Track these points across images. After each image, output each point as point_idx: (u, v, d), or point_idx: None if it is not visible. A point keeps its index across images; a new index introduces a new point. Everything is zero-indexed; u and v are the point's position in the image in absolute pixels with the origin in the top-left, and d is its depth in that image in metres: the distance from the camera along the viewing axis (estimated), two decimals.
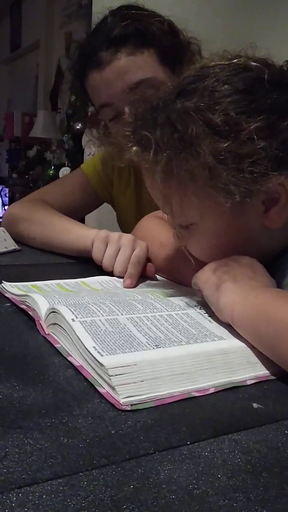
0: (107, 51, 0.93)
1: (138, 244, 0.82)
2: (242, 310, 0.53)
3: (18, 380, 0.43)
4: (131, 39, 0.92)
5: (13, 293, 0.65)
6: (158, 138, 0.58)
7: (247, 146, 0.55)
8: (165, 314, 0.56)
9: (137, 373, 0.43)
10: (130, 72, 0.93)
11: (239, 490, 0.31)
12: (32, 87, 5.17)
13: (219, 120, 0.55)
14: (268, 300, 0.52)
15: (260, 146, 0.54)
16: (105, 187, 1.22)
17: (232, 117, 0.55)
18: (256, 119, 0.55)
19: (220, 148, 0.54)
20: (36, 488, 0.30)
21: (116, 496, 0.30)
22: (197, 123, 0.55)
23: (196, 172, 0.56)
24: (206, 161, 0.55)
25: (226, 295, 0.55)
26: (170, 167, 0.58)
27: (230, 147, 0.54)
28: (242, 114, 0.55)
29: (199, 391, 0.44)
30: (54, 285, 0.71)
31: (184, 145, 0.56)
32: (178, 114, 0.58)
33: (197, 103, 0.57)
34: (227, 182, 0.55)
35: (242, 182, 0.55)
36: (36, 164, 4.66)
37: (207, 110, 0.56)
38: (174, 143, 0.57)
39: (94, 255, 0.84)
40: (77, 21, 4.11)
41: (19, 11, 5.58)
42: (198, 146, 0.55)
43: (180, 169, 0.57)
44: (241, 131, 0.55)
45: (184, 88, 0.60)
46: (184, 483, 0.31)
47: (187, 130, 0.56)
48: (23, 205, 1.16)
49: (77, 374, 0.46)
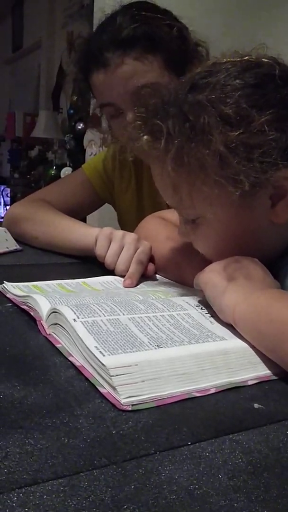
0: (114, 53, 0.92)
1: (142, 244, 0.82)
2: (243, 311, 0.53)
3: (19, 380, 0.43)
4: (139, 43, 0.92)
5: (14, 294, 0.65)
6: (169, 127, 0.59)
7: (258, 136, 0.55)
8: (167, 314, 0.56)
9: (138, 373, 0.43)
10: (135, 76, 0.93)
11: (240, 490, 0.31)
12: (34, 87, 5.17)
13: (230, 111, 0.56)
14: (270, 301, 0.52)
15: (270, 138, 0.55)
16: (106, 187, 1.22)
17: (243, 108, 0.56)
18: (266, 112, 0.56)
19: (231, 137, 0.55)
20: (36, 488, 0.30)
21: (117, 496, 0.30)
22: (209, 113, 0.56)
23: (207, 161, 0.57)
24: (217, 150, 0.55)
25: (228, 296, 0.56)
26: (181, 156, 0.58)
27: (241, 137, 0.55)
28: (253, 107, 0.56)
29: (200, 392, 0.44)
30: (55, 286, 0.71)
31: (196, 133, 0.57)
32: (190, 105, 0.58)
33: (209, 96, 0.58)
34: (237, 171, 0.56)
35: (251, 172, 0.56)
36: (37, 164, 4.66)
37: (218, 102, 0.57)
38: (186, 132, 0.57)
39: (97, 251, 0.84)
40: (78, 21, 4.11)
41: (21, 11, 5.59)
42: (209, 135, 0.56)
43: (190, 157, 0.57)
44: (252, 122, 0.56)
45: (196, 82, 0.61)
46: (185, 483, 0.31)
47: (199, 120, 0.56)
48: (25, 205, 1.16)
49: (78, 374, 0.46)
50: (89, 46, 0.98)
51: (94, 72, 0.96)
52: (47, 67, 4.80)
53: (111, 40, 0.93)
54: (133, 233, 0.87)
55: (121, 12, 0.96)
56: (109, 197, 1.24)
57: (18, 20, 5.67)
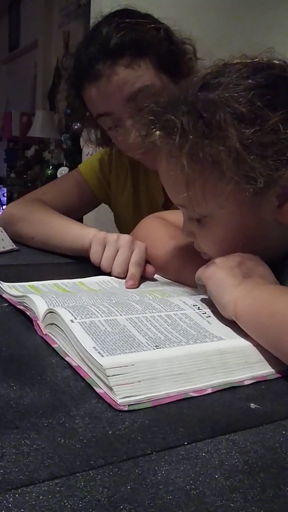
0: (104, 64, 0.92)
1: (137, 245, 0.82)
2: (245, 305, 0.53)
3: (15, 381, 0.43)
4: (127, 51, 0.92)
5: (10, 294, 0.64)
6: (184, 123, 0.59)
7: (272, 135, 0.56)
8: (164, 314, 0.56)
9: (134, 373, 0.43)
10: (128, 83, 0.92)
11: (236, 490, 0.31)
12: (31, 87, 5.17)
13: (244, 109, 0.56)
14: (272, 295, 0.52)
15: (284, 136, 0.56)
16: (102, 187, 1.22)
17: (257, 106, 0.57)
18: (279, 112, 0.57)
19: (246, 134, 0.56)
20: (33, 489, 0.30)
21: (113, 497, 0.30)
22: (224, 110, 0.57)
23: (222, 157, 0.57)
24: (232, 147, 0.56)
25: (230, 291, 0.56)
26: (196, 152, 0.58)
27: (256, 135, 0.56)
28: (266, 107, 0.57)
29: (196, 392, 0.44)
30: (51, 285, 0.71)
31: (211, 130, 0.57)
32: (203, 103, 0.59)
33: (221, 95, 0.58)
34: (251, 168, 0.56)
35: (266, 169, 0.56)
36: (34, 164, 4.66)
37: (232, 100, 0.57)
38: (201, 128, 0.57)
39: (92, 257, 0.84)
40: (75, 21, 4.11)
41: (18, 11, 5.58)
42: (226, 131, 0.56)
43: (205, 153, 0.58)
44: (266, 121, 0.56)
45: (207, 81, 0.61)
46: (181, 483, 0.31)
47: (214, 116, 0.57)
48: (21, 204, 1.16)
49: (75, 374, 0.46)
50: (78, 61, 0.97)
51: (86, 85, 0.96)
52: (43, 67, 4.79)
53: (99, 52, 0.93)
54: (130, 234, 0.87)
55: (105, 23, 0.95)
56: (105, 197, 1.24)
57: (15, 19, 5.66)
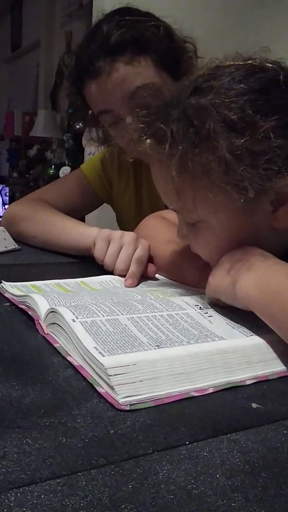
0: (105, 61, 0.93)
1: (141, 243, 0.82)
2: (256, 298, 0.53)
3: (17, 380, 0.43)
4: (128, 48, 0.92)
5: (12, 294, 0.65)
6: (174, 131, 0.58)
7: (263, 143, 0.55)
8: (166, 314, 0.56)
9: (136, 373, 0.43)
10: (128, 80, 0.93)
11: (238, 490, 0.31)
12: (33, 87, 5.17)
13: (235, 117, 0.55)
14: (280, 284, 0.52)
15: (275, 145, 0.55)
16: (104, 187, 1.22)
17: (248, 114, 0.55)
18: (271, 119, 0.56)
19: (236, 144, 0.55)
20: (34, 488, 0.30)
21: (115, 496, 0.30)
22: (214, 119, 0.56)
23: (211, 167, 0.56)
24: (222, 156, 0.55)
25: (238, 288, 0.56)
26: (185, 161, 0.57)
27: (246, 144, 0.55)
28: (258, 113, 0.56)
29: (198, 391, 0.44)
30: (53, 285, 0.71)
31: (200, 139, 0.56)
32: (194, 109, 0.58)
33: (212, 100, 0.57)
34: (241, 178, 0.55)
35: (256, 179, 0.55)
36: (36, 163, 4.66)
37: (223, 107, 0.56)
38: (190, 137, 0.57)
39: (96, 254, 0.84)
40: (77, 21, 4.11)
41: (20, 10, 5.58)
42: (214, 141, 0.55)
43: (195, 163, 0.57)
44: (257, 129, 0.55)
45: (199, 85, 0.60)
46: (182, 483, 0.31)
47: (204, 125, 0.56)
48: (23, 204, 1.16)
49: (76, 374, 0.46)
50: (79, 58, 0.98)
51: (87, 83, 0.97)
52: (45, 66, 4.79)
53: (100, 49, 0.93)
54: (133, 232, 0.87)
55: (106, 20, 0.96)
56: (107, 197, 1.24)
57: (17, 19, 5.66)
